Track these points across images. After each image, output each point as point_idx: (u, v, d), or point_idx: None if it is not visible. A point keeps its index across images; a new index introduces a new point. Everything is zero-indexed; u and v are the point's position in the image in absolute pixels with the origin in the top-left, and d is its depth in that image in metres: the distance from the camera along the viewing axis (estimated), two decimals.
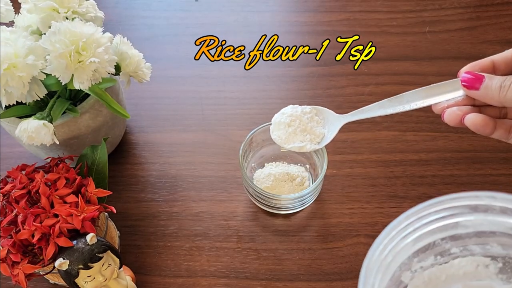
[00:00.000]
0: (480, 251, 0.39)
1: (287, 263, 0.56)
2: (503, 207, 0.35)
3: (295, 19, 0.80)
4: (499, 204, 0.35)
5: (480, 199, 0.35)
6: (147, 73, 0.58)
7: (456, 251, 0.39)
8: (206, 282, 0.55)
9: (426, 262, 0.39)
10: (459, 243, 0.39)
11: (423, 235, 0.37)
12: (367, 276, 0.33)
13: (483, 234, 0.38)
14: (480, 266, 0.40)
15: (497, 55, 0.42)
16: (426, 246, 0.38)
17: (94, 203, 0.49)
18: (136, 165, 0.65)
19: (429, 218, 0.36)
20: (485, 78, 0.40)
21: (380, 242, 0.35)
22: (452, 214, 0.36)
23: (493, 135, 0.42)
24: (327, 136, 0.51)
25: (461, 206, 0.36)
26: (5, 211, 0.48)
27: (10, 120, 0.54)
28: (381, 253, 0.35)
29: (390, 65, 0.73)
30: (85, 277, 0.45)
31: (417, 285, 0.40)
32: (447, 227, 0.37)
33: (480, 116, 0.41)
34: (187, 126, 0.68)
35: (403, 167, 0.63)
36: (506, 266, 0.40)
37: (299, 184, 0.59)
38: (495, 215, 0.36)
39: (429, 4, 0.80)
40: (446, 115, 0.43)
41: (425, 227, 0.37)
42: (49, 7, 0.50)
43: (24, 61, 0.47)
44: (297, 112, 0.51)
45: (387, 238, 0.35)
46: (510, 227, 0.36)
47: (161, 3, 0.83)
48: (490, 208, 0.35)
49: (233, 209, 0.60)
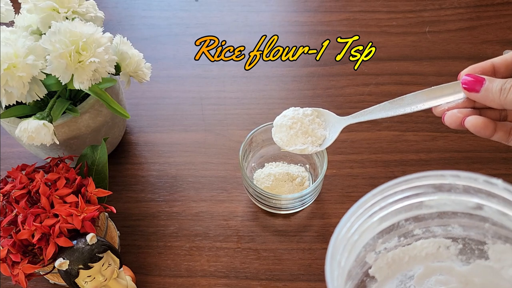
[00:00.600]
0: (442, 232, 0.40)
1: (287, 263, 0.56)
2: (466, 185, 0.36)
3: (295, 19, 0.80)
4: (462, 183, 0.35)
5: (445, 178, 0.36)
6: (147, 73, 0.58)
7: (419, 232, 0.40)
8: (206, 282, 0.55)
9: (390, 243, 0.40)
10: (422, 224, 0.39)
11: (388, 214, 0.37)
12: (333, 253, 0.33)
13: (445, 215, 0.38)
14: (441, 248, 0.41)
15: (497, 58, 0.42)
16: (390, 227, 0.38)
17: (94, 203, 0.49)
18: (136, 165, 0.65)
19: (394, 197, 0.36)
20: (486, 81, 0.40)
21: (347, 219, 0.35)
22: (417, 193, 0.37)
23: (493, 138, 0.43)
24: (328, 138, 0.51)
25: (426, 185, 0.36)
26: (5, 211, 0.48)
27: (10, 120, 0.54)
28: (348, 231, 0.35)
29: (390, 65, 0.73)
30: (85, 277, 0.45)
31: (380, 266, 0.40)
32: (412, 206, 0.37)
33: (480, 118, 0.41)
34: (187, 126, 0.68)
35: (403, 167, 0.63)
36: (466, 247, 0.41)
37: (299, 184, 0.59)
38: (458, 194, 0.36)
39: (429, 4, 0.80)
40: (447, 117, 0.43)
41: (391, 206, 0.37)
42: (49, 7, 0.50)
43: (24, 61, 0.47)
44: (298, 115, 0.51)
45: (354, 216, 0.35)
46: (471, 206, 0.37)
47: (161, 3, 0.83)
48: (454, 187, 0.36)
49: (233, 209, 0.60)
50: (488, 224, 0.38)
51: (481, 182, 0.35)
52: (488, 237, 0.39)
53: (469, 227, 0.39)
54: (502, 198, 0.35)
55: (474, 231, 0.39)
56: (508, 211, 0.35)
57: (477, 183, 0.35)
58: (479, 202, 0.36)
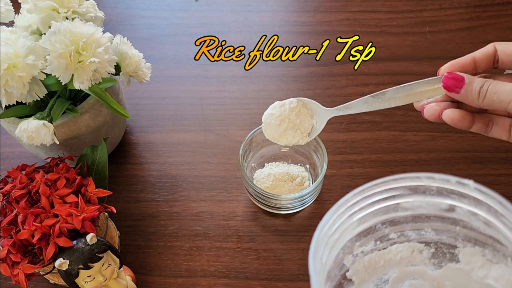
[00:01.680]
0: (416, 236, 0.41)
1: (287, 263, 0.56)
2: (440, 187, 0.37)
3: (295, 19, 0.80)
4: (436, 184, 0.36)
5: (420, 180, 0.37)
6: (147, 73, 0.58)
7: (394, 236, 0.41)
8: (206, 282, 0.55)
9: (367, 247, 0.41)
10: (397, 228, 0.40)
11: (367, 215, 0.38)
12: (316, 248, 0.34)
13: (419, 218, 0.40)
14: (415, 252, 0.42)
15: (478, 51, 0.43)
16: (367, 230, 0.40)
17: (94, 203, 0.49)
18: (136, 165, 0.65)
19: (373, 198, 0.37)
20: (466, 80, 0.41)
21: (330, 217, 0.36)
22: (393, 195, 0.37)
23: (472, 129, 0.43)
24: (316, 127, 0.52)
25: (402, 187, 0.37)
26: (5, 211, 0.48)
27: (10, 120, 0.54)
28: (329, 229, 0.36)
29: (390, 65, 0.73)
30: (85, 277, 0.45)
31: (357, 269, 0.41)
32: (389, 208, 0.38)
33: (457, 111, 0.42)
34: (187, 126, 0.68)
35: (403, 167, 0.63)
36: (438, 251, 0.42)
37: (299, 184, 0.59)
38: (432, 196, 0.37)
39: (429, 4, 0.80)
40: (425, 111, 0.44)
41: (369, 207, 0.38)
42: (49, 7, 0.50)
43: (24, 61, 0.47)
44: (285, 111, 0.51)
45: (336, 214, 0.36)
46: (444, 208, 0.38)
47: (161, 3, 0.83)
48: (428, 189, 0.37)
49: (233, 209, 0.60)
50: (459, 227, 0.39)
51: (454, 183, 0.36)
52: (459, 241, 0.40)
53: (441, 231, 0.40)
54: (473, 198, 0.36)
55: (446, 234, 0.41)
56: (478, 211, 0.37)
57: (450, 184, 0.36)
58: (451, 203, 0.37)
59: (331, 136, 0.65)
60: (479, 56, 0.42)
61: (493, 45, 0.42)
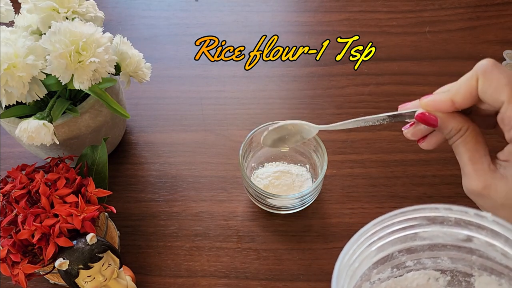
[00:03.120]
0: (432, 264, 0.42)
1: (287, 263, 0.56)
2: (458, 218, 0.38)
3: (295, 19, 0.80)
4: (454, 215, 0.38)
5: (438, 211, 0.38)
6: (147, 73, 0.58)
7: (411, 264, 0.42)
8: (206, 282, 0.55)
9: (384, 274, 0.42)
10: (414, 256, 0.41)
11: (385, 244, 0.39)
12: (339, 278, 0.35)
13: (436, 247, 0.41)
14: (431, 279, 0.43)
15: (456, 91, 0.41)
16: (385, 258, 0.41)
17: (94, 203, 0.49)
18: (136, 165, 0.65)
19: (392, 228, 0.39)
20: (439, 124, 0.43)
21: (350, 246, 0.37)
22: (412, 225, 0.39)
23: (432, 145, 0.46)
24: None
25: (420, 217, 0.38)
26: (5, 211, 0.48)
27: (10, 120, 0.54)
28: (350, 257, 0.37)
29: (390, 65, 0.73)
30: (85, 277, 0.45)
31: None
32: (407, 238, 0.39)
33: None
34: (187, 126, 0.68)
35: (403, 167, 0.63)
36: (454, 279, 0.43)
37: (299, 184, 0.59)
38: (450, 226, 0.38)
39: (429, 4, 0.80)
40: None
41: (388, 237, 0.39)
42: (49, 7, 0.50)
43: (24, 61, 0.47)
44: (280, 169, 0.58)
45: (356, 244, 0.37)
46: (462, 238, 0.39)
47: (161, 3, 0.83)
48: (446, 219, 0.38)
49: (233, 209, 0.60)
50: (475, 256, 0.40)
51: (472, 215, 0.37)
52: (474, 269, 0.41)
53: (457, 260, 0.41)
54: (490, 229, 0.37)
55: (462, 263, 0.41)
56: (495, 242, 0.37)
57: (468, 216, 0.37)
58: (469, 234, 0.38)
59: (331, 136, 0.65)
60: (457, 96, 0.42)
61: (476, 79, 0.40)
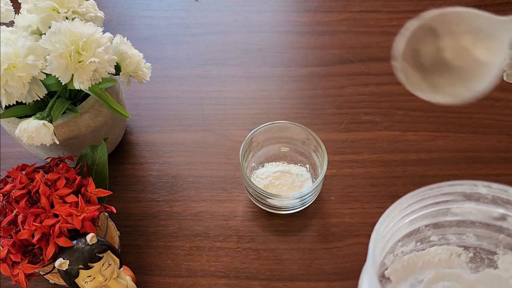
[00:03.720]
0: (456, 240, 0.42)
1: (287, 263, 0.56)
2: (496, 196, 0.37)
3: (295, 19, 0.80)
4: (493, 193, 0.37)
5: (477, 187, 0.37)
6: (147, 73, 0.58)
7: (435, 239, 0.41)
8: (206, 282, 0.55)
9: (408, 247, 0.41)
10: (440, 231, 0.41)
11: (417, 218, 0.39)
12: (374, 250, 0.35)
13: (464, 223, 0.40)
14: (453, 255, 0.43)
15: None
16: (412, 232, 0.40)
17: (94, 203, 0.49)
18: (136, 165, 0.65)
19: (426, 202, 0.38)
20: None
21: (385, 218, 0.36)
22: (446, 200, 0.38)
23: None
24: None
25: (456, 193, 0.38)
26: (5, 211, 0.48)
27: (10, 120, 0.54)
28: (384, 229, 0.36)
29: (390, 65, 0.73)
30: (85, 277, 0.45)
31: (396, 269, 0.42)
32: (439, 212, 0.39)
33: None
34: (187, 126, 0.68)
35: (403, 167, 0.63)
36: (476, 256, 0.42)
37: (299, 184, 0.59)
38: (485, 204, 0.38)
39: (429, 4, 0.80)
40: None
41: (420, 211, 0.38)
42: (49, 7, 0.50)
43: (24, 61, 0.47)
44: None
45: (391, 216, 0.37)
46: (495, 217, 0.38)
47: (161, 3, 0.83)
48: (483, 196, 0.38)
49: (233, 209, 0.60)
50: (503, 235, 0.39)
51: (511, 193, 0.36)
52: (500, 248, 0.41)
53: (483, 237, 0.41)
54: None
55: (487, 241, 0.41)
56: None
57: (507, 195, 0.37)
58: (504, 212, 0.38)
59: (331, 136, 0.65)
60: None
61: None
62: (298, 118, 0.67)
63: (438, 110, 0.68)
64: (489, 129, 0.66)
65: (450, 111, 0.68)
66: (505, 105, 0.68)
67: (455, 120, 0.67)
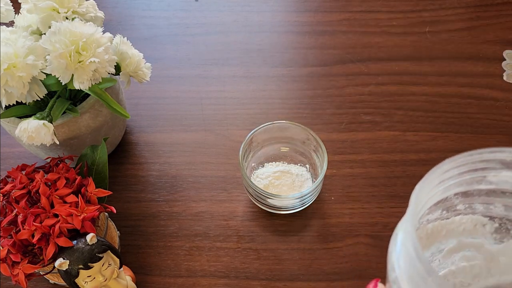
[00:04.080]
0: (482, 210, 0.41)
1: (287, 263, 0.56)
2: None
3: (295, 19, 0.80)
4: None
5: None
6: (147, 73, 0.58)
7: (461, 208, 0.41)
8: (206, 282, 0.55)
9: (433, 215, 0.40)
10: (468, 200, 0.40)
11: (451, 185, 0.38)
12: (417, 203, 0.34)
13: (494, 193, 0.39)
14: (478, 225, 0.42)
15: None
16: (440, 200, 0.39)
17: (94, 203, 0.49)
18: (136, 165, 0.65)
19: (462, 169, 0.37)
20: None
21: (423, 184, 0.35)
22: (484, 167, 0.37)
23: None
24: None
25: (495, 160, 0.36)
26: (5, 211, 0.48)
27: (10, 120, 0.54)
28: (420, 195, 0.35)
29: (390, 65, 0.73)
30: (85, 277, 0.45)
31: (420, 237, 0.41)
32: (473, 180, 0.38)
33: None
34: (187, 126, 0.68)
35: (403, 167, 0.63)
36: (502, 226, 0.41)
37: (299, 184, 0.59)
38: None
39: (429, 4, 0.80)
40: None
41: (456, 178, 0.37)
42: (49, 7, 0.50)
43: (24, 61, 0.47)
44: None
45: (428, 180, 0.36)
46: None
47: (161, 3, 0.83)
48: None
49: (233, 209, 0.60)
50: None
51: None
52: None
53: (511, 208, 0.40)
54: None
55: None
56: None
57: None
58: None
59: (331, 136, 0.65)
60: None
61: None
62: (298, 118, 0.67)
63: (438, 110, 0.68)
64: (489, 129, 0.66)
65: (450, 111, 0.68)
66: (505, 105, 0.68)
67: (455, 120, 0.67)
